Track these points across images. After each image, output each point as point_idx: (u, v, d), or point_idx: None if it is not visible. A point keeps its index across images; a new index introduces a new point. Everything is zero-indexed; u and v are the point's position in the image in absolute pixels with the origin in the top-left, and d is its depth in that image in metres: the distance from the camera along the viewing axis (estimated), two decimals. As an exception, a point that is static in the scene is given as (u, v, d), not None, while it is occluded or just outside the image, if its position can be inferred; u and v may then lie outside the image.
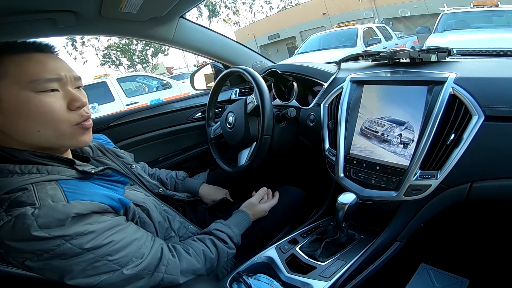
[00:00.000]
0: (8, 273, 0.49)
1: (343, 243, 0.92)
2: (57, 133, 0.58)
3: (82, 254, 0.52)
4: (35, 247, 0.49)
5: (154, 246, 0.64)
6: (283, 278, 0.85)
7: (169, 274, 0.63)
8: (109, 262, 0.55)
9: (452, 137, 0.72)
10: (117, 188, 0.67)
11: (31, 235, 0.47)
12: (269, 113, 1.00)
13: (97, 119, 1.31)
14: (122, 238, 0.58)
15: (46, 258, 0.50)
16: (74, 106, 0.59)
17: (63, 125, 0.58)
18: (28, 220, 0.48)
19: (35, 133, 0.56)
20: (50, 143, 0.60)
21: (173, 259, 0.65)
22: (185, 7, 1.17)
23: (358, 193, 0.86)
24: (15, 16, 0.87)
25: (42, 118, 0.56)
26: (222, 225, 0.83)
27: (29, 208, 0.49)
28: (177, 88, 6.78)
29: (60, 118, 0.58)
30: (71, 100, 0.59)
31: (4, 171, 0.54)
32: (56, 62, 0.60)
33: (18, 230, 0.48)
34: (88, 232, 0.53)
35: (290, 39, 18.96)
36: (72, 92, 0.60)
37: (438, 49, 0.91)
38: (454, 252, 1.08)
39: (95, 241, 0.53)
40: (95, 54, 18.74)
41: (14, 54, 0.55)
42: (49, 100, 0.56)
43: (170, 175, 1.11)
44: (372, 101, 0.91)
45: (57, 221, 0.50)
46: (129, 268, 0.57)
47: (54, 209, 0.50)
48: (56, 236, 0.49)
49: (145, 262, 0.60)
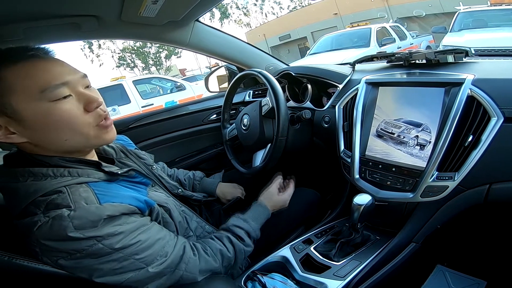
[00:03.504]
0: (39, 270, 0.52)
1: (358, 244, 0.92)
2: (83, 138, 0.60)
3: (111, 253, 0.54)
4: (69, 247, 0.51)
5: (177, 244, 0.66)
6: (297, 277, 0.86)
7: (188, 272, 0.64)
8: (136, 261, 0.57)
9: (470, 139, 0.72)
10: (140, 189, 0.69)
11: (67, 236, 0.50)
12: (284, 115, 1.02)
13: (117, 121, 1.36)
14: (148, 238, 0.60)
15: (79, 257, 0.52)
16: (92, 107, 0.60)
17: (86, 129, 0.59)
18: (64, 221, 0.50)
19: (63, 141, 0.58)
20: (79, 147, 0.62)
21: (193, 258, 0.67)
22: (200, 11, 1.20)
23: (373, 195, 0.86)
24: (44, 21, 0.92)
25: (66, 126, 0.57)
26: (240, 220, 0.82)
27: (65, 210, 0.51)
28: (190, 89, 6.85)
29: (82, 123, 0.58)
30: (87, 102, 0.59)
31: (38, 175, 0.56)
32: (59, 66, 0.59)
33: (55, 230, 0.50)
34: (118, 233, 0.55)
35: (301, 40, 18.86)
36: (85, 93, 0.60)
37: (455, 50, 0.89)
38: (471, 254, 1.07)
39: (124, 241, 0.55)
40: (111, 56, 19.20)
41: (11, 64, 0.54)
42: (67, 108, 0.56)
43: (188, 175, 1.13)
44: (388, 102, 0.91)
45: (90, 223, 0.52)
46: (154, 266, 0.59)
47: (88, 211, 0.53)
48: (90, 237, 0.52)
49: (168, 260, 0.62)
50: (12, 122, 0.55)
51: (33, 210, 0.52)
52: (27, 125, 0.55)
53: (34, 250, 0.52)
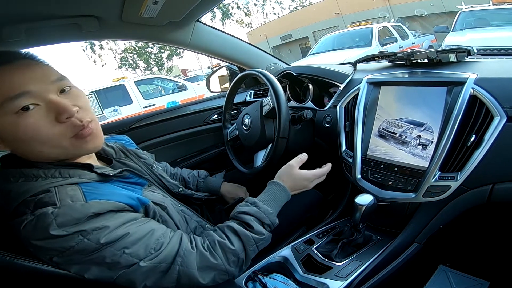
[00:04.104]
0: (41, 270, 0.52)
1: (360, 244, 0.92)
2: (59, 149, 0.56)
3: (100, 248, 0.52)
4: (56, 245, 0.50)
5: (175, 236, 0.61)
6: (298, 278, 0.86)
7: (184, 266, 0.58)
8: (127, 255, 0.54)
9: (473, 139, 0.71)
10: (135, 190, 0.67)
11: (50, 234, 0.49)
12: (285, 115, 1.01)
13: (119, 122, 1.37)
14: (137, 230, 0.56)
15: (68, 255, 0.51)
16: (62, 119, 0.54)
17: (60, 141, 0.55)
18: (48, 219, 0.49)
19: (39, 153, 0.56)
20: (60, 157, 0.59)
21: (190, 250, 0.60)
22: (201, 11, 1.20)
23: (375, 195, 0.86)
24: (45, 21, 0.92)
25: (35, 140, 0.53)
26: (247, 205, 0.73)
27: (50, 208, 0.50)
28: (192, 90, 6.85)
29: (53, 135, 0.54)
30: (56, 113, 0.54)
31: (29, 175, 0.55)
32: (20, 73, 0.53)
33: (38, 228, 0.49)
34: (104, 227, 0.52)
35: (302, 40, 18.87)
36: (55, 102, 0.54)
37: (457, 50, 0.89)
38: (474, 254, 1.06)
39: (111, 235, 0.53)
40: (113, 57, 19.27)
41: None
42: (31, 121, 0.52)
43: (192, 173, 1.12)
44: (390, 102, 0.91)
45: (74, 220, 0.50)
46: (146, 260, 0.55)
47: (72, 208, 0.51)
48: (74, 232, 0.50)
49: (163, 254, 0.57)
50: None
51: (23, 210, 0.51)
52: (1, 138, 0.54)
53: (29, 250, 0.51)
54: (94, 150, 0.62)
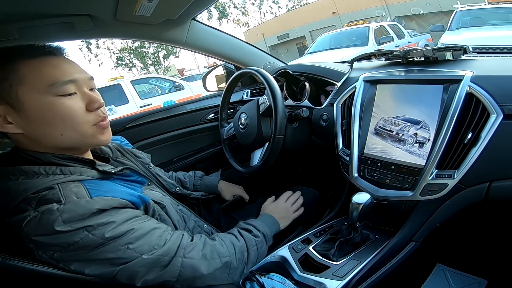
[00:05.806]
0: (34, 270, 0.51)
1: (357, 243, 0.92)
2: (79, 135, 0.61)
3: (104, 244, 0.53)
4: (60, 240, 0.51)
5: (176, 233, 0.65)
6: (296, 277, 0.85)
7: (188, 257, 0.62)
8: (130, 251, 0.56)
9: (469, 136, 0.71)
10: (135, 188, 0.68)
11: (54, 230, 0.50)
12: (281, 113, 1.01)
13: (114, 121, 1.35)
14: (141, 226, 0.59)
15: (72, 250, 0.52)
16: (93, 107, 0.62)
17: (84, 127, 0.61)
18: (53, 215, 0.50)
19: (59, 136, 0.59)
20: (73, 145, 0.62)
21: (191, 243, 0.66)
22: (197, 9, 1.19)
23: (372, 193, 0.86)
24: (38, 20, 0.91)
25: (65, 121, 0.59)
26: (243, 222, 0.83)
27: (55, 204, 0.51)
28: (189, 89, 6.85)
29: (81, 120, 0.60)
30: (89, 101, 0.62)
31: (30, 173, 0.56)
32: (70, 65, 0.62)
33: (42, 224, 0.50)
34: (109, 222, 0.54)
35: (300, 39, 18.86)
36: (89, 93, 0.62)
37: (453, 47, 0.89)
38: (471, 253, 1.06)
39: (116, 230, 0.55)
40: (109, 56, 19.16)
41: (28, 58, 0.57)
42: (70, 103, 0.59)
43: (188, 174, 1.13)
44: (386, 100, 0.90)
45: (80, 216, 0.52)
46: (149, 254, 0.58)
47: (77, 204, 0.53)
48: (79, 227, 0.51)
49: (166, 246, 0.60)
50: (12, 112, 0.56)
51: (24, 207, 0.52)
52: (26, 116, 0.56)
53: (28, 247, 0.52)
54: (106, 142, 0.67)
